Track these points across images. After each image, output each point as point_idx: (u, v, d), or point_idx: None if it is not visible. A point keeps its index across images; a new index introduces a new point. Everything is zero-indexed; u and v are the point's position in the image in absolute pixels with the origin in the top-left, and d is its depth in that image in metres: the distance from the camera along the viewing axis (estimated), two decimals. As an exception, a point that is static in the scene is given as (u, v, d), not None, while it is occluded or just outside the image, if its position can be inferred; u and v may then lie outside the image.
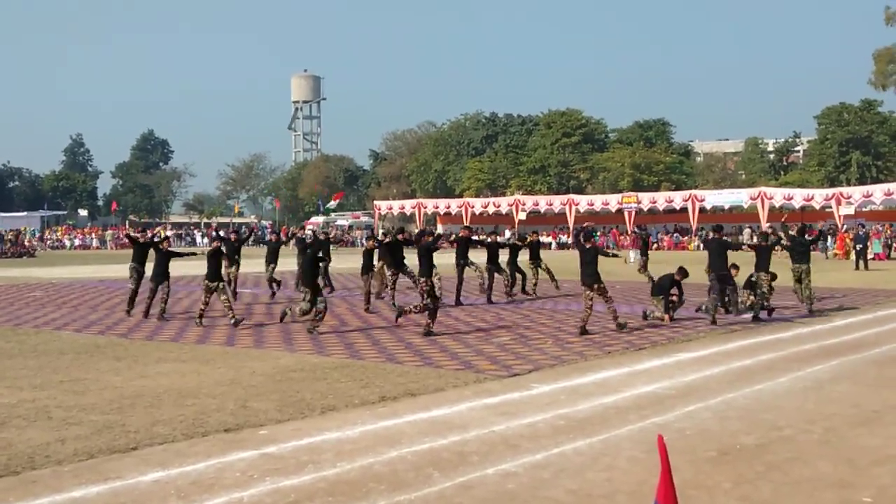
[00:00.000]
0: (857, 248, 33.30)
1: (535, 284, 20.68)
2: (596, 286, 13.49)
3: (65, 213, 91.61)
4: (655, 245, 54.87)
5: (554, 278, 20.94)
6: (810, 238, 18.91)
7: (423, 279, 13.65)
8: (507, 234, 48.89)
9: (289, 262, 23.43)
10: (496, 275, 19.48)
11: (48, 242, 68.24)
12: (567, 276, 21.90)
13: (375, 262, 18.61)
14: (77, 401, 8.72)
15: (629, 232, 53.08)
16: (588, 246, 13.85)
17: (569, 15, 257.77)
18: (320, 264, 16.48)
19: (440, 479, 6.05)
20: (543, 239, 54.35)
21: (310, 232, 31.24)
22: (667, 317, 14.71)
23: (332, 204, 71.33)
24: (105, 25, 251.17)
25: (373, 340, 12.98)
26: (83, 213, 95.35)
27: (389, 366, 10.74)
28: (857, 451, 6.79)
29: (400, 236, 18.97)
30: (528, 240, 21.44)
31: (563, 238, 57.51)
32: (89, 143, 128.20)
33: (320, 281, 16.38)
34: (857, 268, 31.65)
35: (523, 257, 20.48)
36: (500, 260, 19.67)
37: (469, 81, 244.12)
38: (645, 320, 14.70)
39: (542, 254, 22.09)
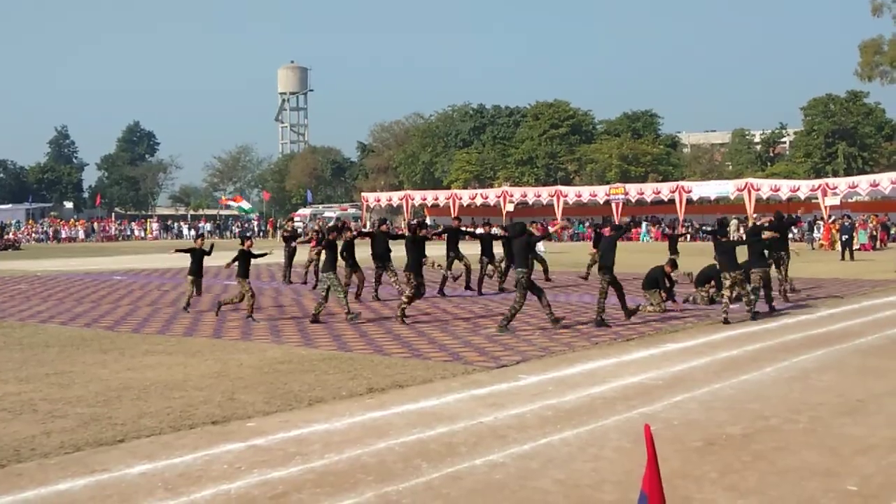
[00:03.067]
0: (843, 239, 33.46)
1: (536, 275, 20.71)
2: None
3: (50, 205, 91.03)
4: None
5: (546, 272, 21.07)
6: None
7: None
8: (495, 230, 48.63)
9: (277, 255, 23.36)
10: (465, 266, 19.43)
11: (34, 235, 67.80)
12: (558, 268, 22.00)
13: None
14: (63, 394, 8.69)
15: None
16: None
17: (556, 6, 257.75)
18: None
19: (428, 469, 6.06)
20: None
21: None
22: (656, 308, 14.76)
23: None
24: (90, 17, 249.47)
25: (360, 332, 12.97)
26: (69, 205, 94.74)
27: (377, 357, 10.74)
28: (841, 440, 6.84)
29: (383, 227, 18.86)
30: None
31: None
32: (74, 134, 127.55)
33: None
34: (843, 258, 31.80)
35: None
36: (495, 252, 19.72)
37: (457, 73, 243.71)
38: (637, 311, 14.73)
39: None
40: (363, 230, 20.93)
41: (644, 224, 56.05)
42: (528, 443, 6.75)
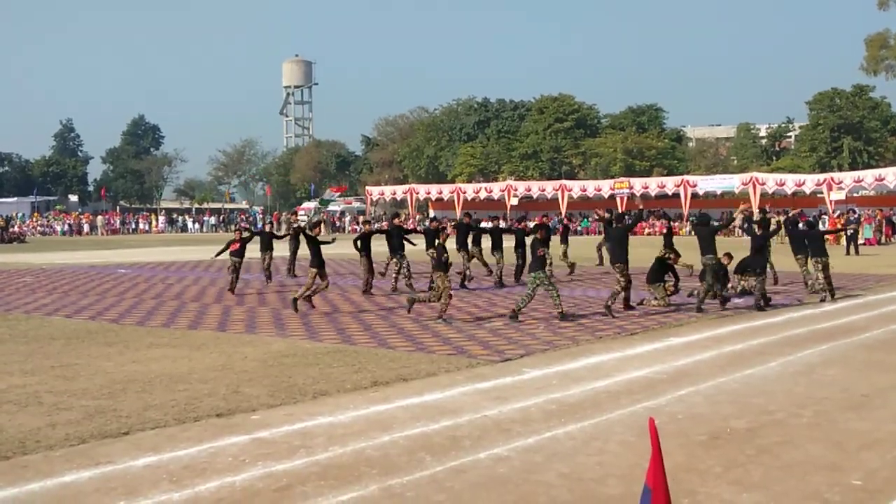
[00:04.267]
0: (848, 234, 33.41)
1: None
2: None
3: (55, 198, 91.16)
4: (648, 231, 55.02)
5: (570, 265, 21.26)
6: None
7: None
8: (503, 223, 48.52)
9: (281, 249, 23.41)
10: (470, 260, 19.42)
11: (38, 228, 67.98)
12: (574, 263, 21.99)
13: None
14: (68, 386, 8.70)
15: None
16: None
17: (561, 0, 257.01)
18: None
19: (432, 463, 6.06)
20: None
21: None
22: (661, 302, 14.73)
23: (332, 195, 71.12)
24: (96, 9, 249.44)
25: (365, 325, 12.98)
26: (74, 198, 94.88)
27: (382, 351, 10.74)
28: (846, 434, 6.83)
29: (396, 220, 19.04)
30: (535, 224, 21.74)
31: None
32: (79, 128, 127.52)
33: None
34: (848, 253, 31.76)
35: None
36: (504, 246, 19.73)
37: (461, 67, 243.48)
38: (641, 305, 14.70)
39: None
40: (376, 228, 21.18)
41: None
42: (533, 436, 6.74)
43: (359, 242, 18.06)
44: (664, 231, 22.34)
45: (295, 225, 22.25)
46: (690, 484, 5.57)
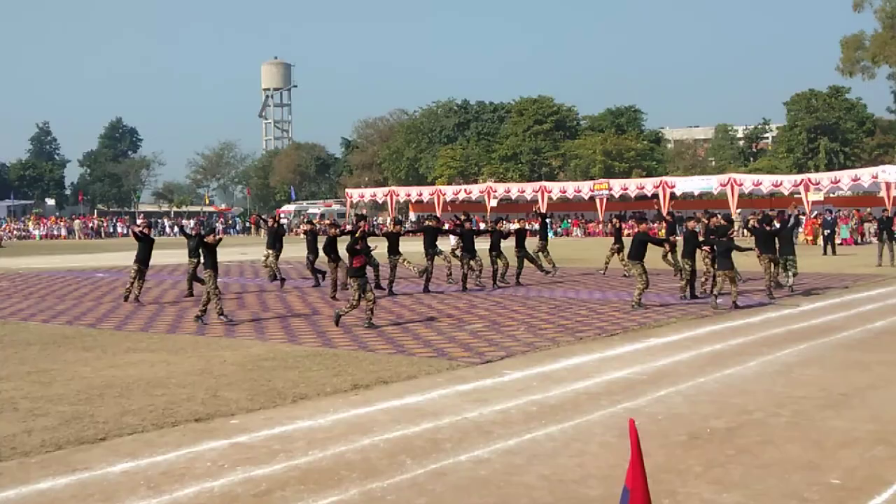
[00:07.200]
0: (826, 234, 33.66)
1: (520, 273, 20.66)
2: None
3: (32, 202, 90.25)
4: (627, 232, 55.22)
5: (540, 267, 21.11)
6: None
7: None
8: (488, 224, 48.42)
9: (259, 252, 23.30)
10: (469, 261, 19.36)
11: (15, 232, 67.28)
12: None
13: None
14: (44, 392, 8.61)
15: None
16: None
17: (541, 3, 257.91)
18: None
19: (413, 466, 6.04)
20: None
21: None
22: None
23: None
24: (73, 11, 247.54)
25: (345, 328, 12.93)
26: (51, 202, 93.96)
27: (362, 354, 10.71)
28: (824, 433, 6.87)
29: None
30: (517, 227, 21.66)
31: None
32: (56, 131, 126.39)
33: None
34: (826, 253, 32.00)
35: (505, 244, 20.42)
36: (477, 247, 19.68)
37: (441, 69, 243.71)
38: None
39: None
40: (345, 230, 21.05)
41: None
42: (513, 438, 6.74)
43: (328, 248, 17.74)
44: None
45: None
46: (670, 484, 5.59)
